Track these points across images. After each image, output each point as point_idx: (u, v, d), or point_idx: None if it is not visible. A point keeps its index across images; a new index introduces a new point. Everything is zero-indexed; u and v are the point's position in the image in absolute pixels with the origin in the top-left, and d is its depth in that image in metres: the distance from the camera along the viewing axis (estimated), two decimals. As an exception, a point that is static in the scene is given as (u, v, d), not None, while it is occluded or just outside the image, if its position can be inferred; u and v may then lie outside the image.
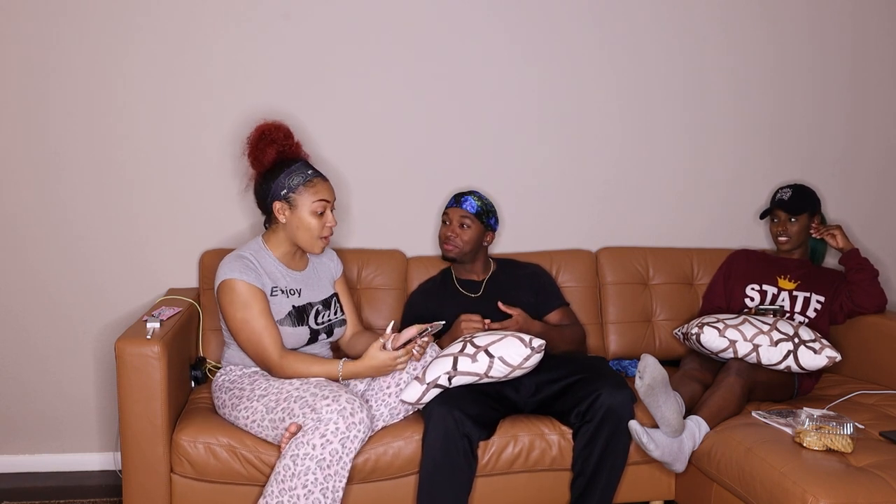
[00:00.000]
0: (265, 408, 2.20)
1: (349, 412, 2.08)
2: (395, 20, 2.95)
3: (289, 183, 2.31)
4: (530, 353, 2.29)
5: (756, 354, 2.50)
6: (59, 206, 2.85)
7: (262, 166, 2.34)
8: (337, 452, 2.06)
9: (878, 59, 3.28)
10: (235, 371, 2.37)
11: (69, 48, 2.78)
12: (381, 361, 2.21)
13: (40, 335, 2.89)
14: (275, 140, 2.34)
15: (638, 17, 3.10)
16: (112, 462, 2.91)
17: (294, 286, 2.37)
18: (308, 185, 2.32)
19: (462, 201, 2.70)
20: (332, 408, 2.08)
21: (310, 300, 2.39)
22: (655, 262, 3.06)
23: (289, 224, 2.33)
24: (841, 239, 2.83)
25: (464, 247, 2.68)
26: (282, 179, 2.31)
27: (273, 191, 2.31)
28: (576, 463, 2.36)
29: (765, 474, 2.08)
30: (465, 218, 2.68)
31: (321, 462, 2.05)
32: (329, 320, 2.43)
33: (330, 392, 2.13)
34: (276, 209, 2.32)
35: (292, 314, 2.33)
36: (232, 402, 2.29)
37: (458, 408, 2.25)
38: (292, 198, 2.31)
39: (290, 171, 2.32)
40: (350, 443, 2.08)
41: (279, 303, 2.31)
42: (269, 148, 2.33)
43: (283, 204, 2.32)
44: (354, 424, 2.08)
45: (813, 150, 3.28)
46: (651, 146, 3.17)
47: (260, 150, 2.33)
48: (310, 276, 2.44)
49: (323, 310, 2.42)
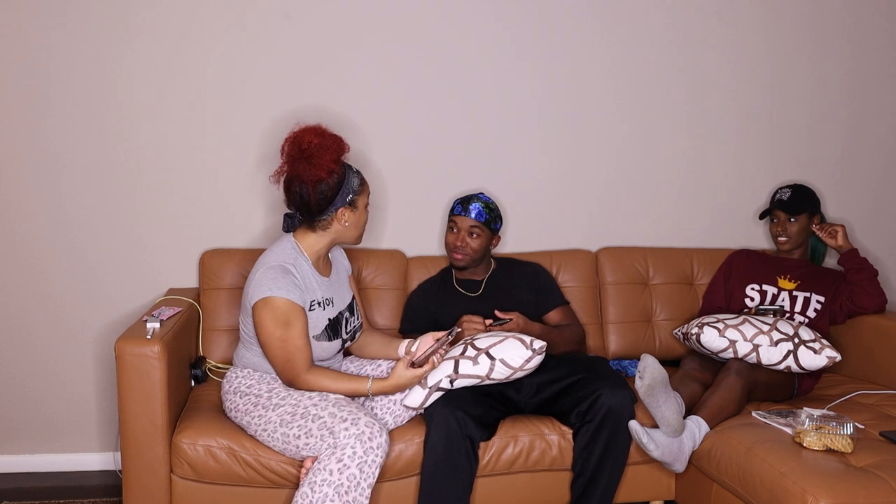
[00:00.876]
0: (279, 419, 2.16)
1: (367, 436, 2.03)
2: (395, 20, 2.95)
3: (351, 187, 2.24)
4: (531, 355, 2.29)
5: (756, 354, 2.50)
6: (59, 206, 2.84)
7: (318, 176, 2.17)
8: (355, 478, 2.02)
9: (878, 59, 3.28)
10: (253, 375, 2.31)
11: (69, 48, 2.78)
12: (407, 379, 2.18)
13: (40, 335, 2.89)
14: (334, 148, 2.20)
15: (638, 17, 3.10)
16: (112, 462, 2.91)
17: (328, 295, 2.30)
18: (363, 185, 2.30)
19: (470, 209, 2.65)
20: (350, 432, 2.03)
21: (340, 309, 2.35)
22: (655, 262, 3.06)
23: (347, 227, 2.27)
24: (841, 238, 2.83)
25: (473, 255, 2.66)
26: (347, 184, 2.22)
27: (339, 197, 2.21)
28: (576, 463, 2.36)
29: (765, 474, 2.08)
30: (475, 228, 2.64)
31: (339, 488, 2.00)
32: (354, 326, 2.41)
33: (349, 414, 2.08)
34: (338, 215, 2.24)
35: (328, 328, 2.28)
36: (246, 407, 2.25)
37: (460, 409, 2.25)
38: (355, 200, 2.26)
39: (348, 174, 2.24)
40: (368, 468, 2.03)
41: (316, 318, 2.25)
42: (329, 156, 2.18)
43: (347, 209, 2.24)
44: (372, 449, 2.03)
45: (813, 150, 3.28)
46: (651, 146, 3.17)
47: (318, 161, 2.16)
48: (335, 280, 2.39)
49: (350, 317, 2.39)
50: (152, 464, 2.23)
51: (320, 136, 2.20)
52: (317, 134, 2.20)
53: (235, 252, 2.83)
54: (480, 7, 3.00)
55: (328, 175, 2.18)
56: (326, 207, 2.22)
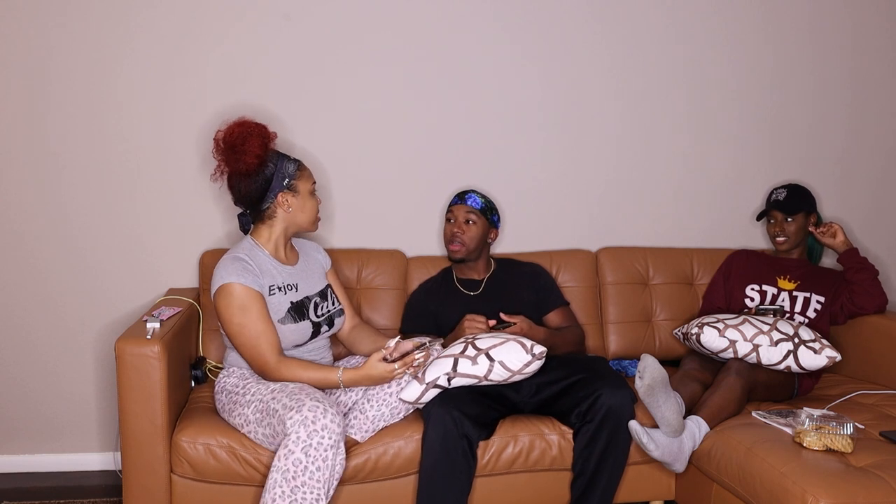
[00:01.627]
0: (255, 419, 2.19)
1: (311, 420, 2.03)
2: (395, 20, 2.95)
3: (287, 172, 2.32)
4: (531, 360, 2.29)
5: (756, 354, 2.50)
6: (59, 205, 2.85)
7: (247, 164, 2.25)
8: (301, 462, 2.00)
9: (878, 59, 3.28)
10: (236, 373, 2.35)
11: (69, 48, 2.78)
12: (378, 372, 2.20)
13: (40, 335, 2.89)
14: (258, 133, 2.28)
15: (638, 17, 3.10)
16: (112, 462, 2.91)
17: (290, 281, 2.36)
18: (301, 170, 2.36)
19: (466, 198, 2.71)
20: (294, 419, 2.03)
21: (307, 294, 2.38)
22: (655, 262, 3.06)
23: (294, 211, 2.34)
24: (840, 237, 2.83)
25: (469, 244, 2.68)
26: (280, 171, 2.31)
27: (274, 184, 2.30)
28: (576, 463, 2.36)
29: (765, 474, 2.08)
30: (471, 214, 2.68)
31: (285, 473, 2.01)
32: (328, 311, 2.43)
33: (296, 402, 2.08)
34: (279, 201, 2.32)
35: (291, 310, 2.31)
36: (229, 406, 2.29)
37: (456, 408, 2.25)
38: (294, 184, 2.33)
39: (281, 162, 2.32)
40: (314, 451, 2.01)
41: (277, 301, 2.30)
42: (254, 142, 2.25)
43: (286, 194, 2.32)
44: (317, 432, 2.02)
45: (813, 150, 3.28)
46: (651, 146, 3.17)
47: (244, 149, 2.24)
48: (302, 269, 2.44)
49: (321, 301, 2.42)
50: (152, 464, 2.23)
51: (242, 126, 2.28)
52: (239, 125, 2.29)
53: (235, 252, 2.83)
54: (481, 7, 3.00)
55: (257, 160, 2.26)
56: (265, 193, 2.29)
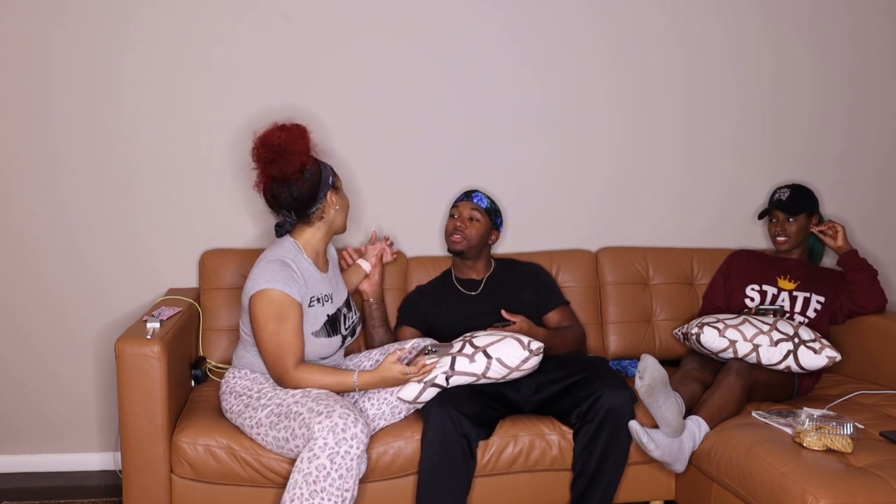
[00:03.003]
0: (268, 421, 2.17)
1: (341, 428, 2.03)
2: (395, 20, 2.95)
3: (330, 171, 2.32)
4: (528, 356, 2.29)
5: (756, 354, 2.50)
6: (60, 205, 2.85)
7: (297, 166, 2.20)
8: (325, 468, 2.01)
9: (878, 58, 3.28)
10: (249, 376, 2.32)
11: (69, 48, 2.78)
12: (393, 375, 2.21)
13: (40, 335, 2.89)
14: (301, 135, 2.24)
15: (638, 17, 3.10)
16: (112, 462, 2.91)
17: (327, 291, 2.33)
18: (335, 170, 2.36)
19: (473, 196, 2.71)
20: (323, 424, 2.03)
21: (338, 305, 2.37)
22: (655, 262, 3.06)
23: (338, 211, 2.33)
24: (841, 238, 2.83)
25: (471, 239, 2.67)
26: (325, 170, 2.30)
27: (323, 184, 2.27)
28: (576, 463, 2.36)
29: (765, 474, 2.08)
30: (475, 211, 2.68)
31: (307, 476, 2.01)
32: (353, 322, 2.43)
33: (325, 407, 2.08)
34: (329, 201, 2.29)
35: (327, 324, 2.30)
36: (239, 408, 2.27)
37: (455, 408, 2.25)
38: (336, 182, 2.33)
39: (321, 162, 2.31)
40: (341, 459, 2.02)
41: (315, 314, 2.27)
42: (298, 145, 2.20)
43: (333, 192, 2.31)
44: (346, 440, 2.02)
45: (813, 150, 3.28)
46: (651, 146, 3.17)
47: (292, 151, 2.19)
48: (332, 276, 2.42)
49: (347, 312, 2.41)
50: (152, 464, 2.23)
51: (284, 130, 2.23)
52: (280, 129, 2.24)
53: (235, 252, 2.83)
54: (481, 7, 3.00)
55: (308, 161, 2.24)
56: (317, 195, 2.26)
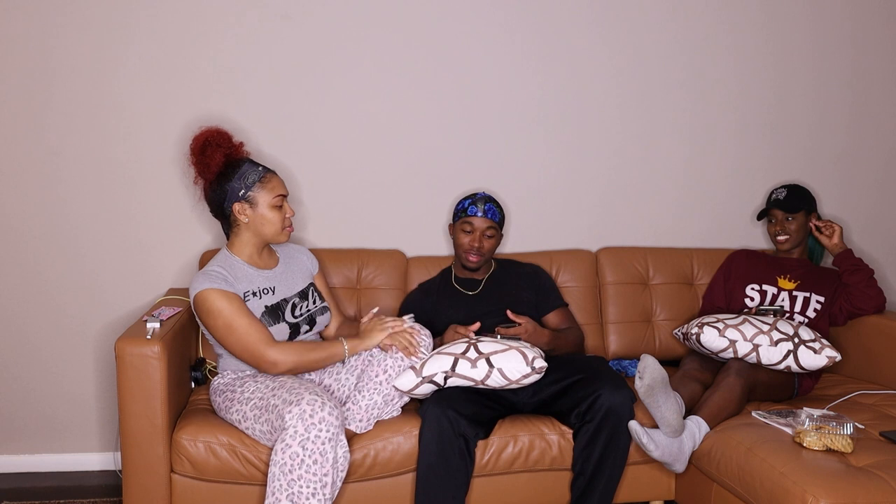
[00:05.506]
0: (253, 416, 2.20)
1: (308, 413, 2.04)
2: (394, 20, 2.95)
3: (244, 183, 2.33)
4: (530, 373, 2.29)
5: (756, 354, 2.50)
6: (59, 205, 2.85)
7: (211, 173, 2.33)
8: (298, 455, 2.02)
9: (878, 58, 3.28)
10: (229, 375, 2.36)
11: (69, 48, 2.79)
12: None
13: (40, 335, 2.89)
14: (220, 144, 2.34)
15: (638, 17, 3.10)
16: (112, 462, 2.91)
17: (267, 285, 2.38)
18: (263, 182, 2.36)
19: (487, 211, 2.65)
20: (293, 413, 2.05)
21: (284, 296, 2.40)
22: (655, 262, 3.06)
23: (252, 222, 2.36)
24: (837, 238, 2.82)
25: (487, 255, 2.68)
26: (236, 181, 2.33)
27: (229, 194, 2.33)
28: (576, 463, 2.36)
29: (765, 474, 2.08)
30: (491, 228, 2.66)
31: (283, 467, 2.03)
32: (308, 310, 2.44)
33: (295, 396, 2.10)
34: (235, 211, 2.34)
35: (266, 314, 2.33)
36: (225, 404, 2.30)
37: (452, 407, 2.25)
38: (251, 196, 2.34)
39: (242, 172, 2.34)
40: (312, 444, 2.03)
41: (252, 306, 2.31)
42: (215, 153, 2.32)
43: (242, 204, 2.34)
44: (314, 425, 2.03)
45: (813, 150, 3.28)
46: (651, 146, 3.17)
47: (208, 156, 2.32)
48: (282, 272, 2.45)
49: (300, 302, 2.43)
50: (152, 463, 2.23)
51: (206, 134, 2.35)
52: (204, 133, 2.36)
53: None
54: (483, 8, 3.00)
55: (217, 169, 2.33)
56: (222, 203, 2.34)
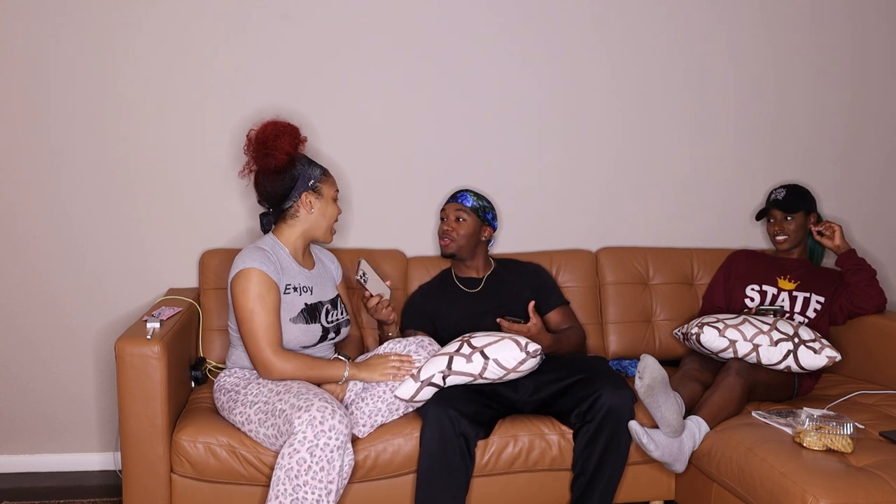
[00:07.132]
0: (258, 420, 2.20)
1: (319, 420, 2.04)
2: (394, 21, 2.95)
3: (314, 173, 2.36)
4: (525, 357, 2.29)
5: (756, 354, 2.50)
6: (59, 206, 2.85)
7: (278, 161, 2.31)
8: (305, 461, 2.02)
9: (878, 58, 3.28)
10: (237, 373, 2.36)
11: (69, 48, 2.78)
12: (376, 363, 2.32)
13: (40, 335, 2.88)
14: (290, 133, 2.35)
15: (638, 17, 3.10)
16: (112, 462, 2.91)
17: (306, 283, 2.38)
18: (327, 176, 2.42)
19: (458, 197, 2.74)
20: (303, 418, 2.05)
21: (320, 299, 2.41)
22: (655, 262, 3.06)
23: (315, 214, 2.37)
24: (838, 238, 2.83)
25: (459, 240, 2.69)
26: (307, 170, 2.35)
27: (299, 183, 2.34)
28: (576, 463, 2.36)
29: (765, 474, 2.08)
30: (461, 211, 2.71)
31: (289, 472, 2.03)
32: (337, 319, 2.45)
33: (304, 401, 2.10)
34: (303, 201, 2.35)
35: (305, 311, 2.33)
36: (229, 404, 2.30)
37: (452, 407, 2.25)
38: (319, 187, 2.37)
39: (310, 162, 2.38)
40: (321, 451, 2.03)
41: (291, 301, 2.32)
42: (285, 140, 2.32)
43: (311, 195, 2.36)
44: (324, 432, 2.04)
45: (813, 150, 3.28)
46: (651, 146, 3.17)
47: (275, 146, 2.30)
48: (318, 275, 2.46)
49: (332, 309, 2.44)
50: (152, 463, 2.23)
51: (276, 125, 2.35)
52: (272, 123, 2.36)
53: (235, 252, 2.80)
54: (481, 8, 3.00)
55: (287, 158, 2.32)
56: (290, 192, 2.33)
